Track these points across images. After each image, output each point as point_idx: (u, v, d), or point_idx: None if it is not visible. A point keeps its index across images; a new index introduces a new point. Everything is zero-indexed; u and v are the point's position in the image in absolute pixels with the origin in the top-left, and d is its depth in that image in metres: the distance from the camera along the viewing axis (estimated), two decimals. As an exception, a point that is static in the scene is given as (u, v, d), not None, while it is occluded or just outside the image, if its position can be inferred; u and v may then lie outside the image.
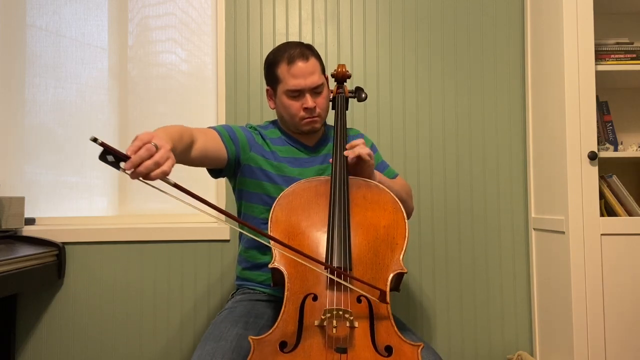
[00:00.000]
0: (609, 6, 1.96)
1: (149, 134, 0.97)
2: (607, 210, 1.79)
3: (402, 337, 1.08)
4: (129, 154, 0.92)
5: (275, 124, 1.54)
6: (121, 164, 0.91)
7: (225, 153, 1.39)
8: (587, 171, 1.68)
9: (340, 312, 1.08)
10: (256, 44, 2.04)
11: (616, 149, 1.87)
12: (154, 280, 1.96)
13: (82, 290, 1.94)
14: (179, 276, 1.96)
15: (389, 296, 1.12)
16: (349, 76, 1.58)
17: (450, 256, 2.02)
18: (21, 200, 1.88)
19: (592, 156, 1.67)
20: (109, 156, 0.90)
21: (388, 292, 1.13)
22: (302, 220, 1.23)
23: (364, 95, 1.57)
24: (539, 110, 1.93)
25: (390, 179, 1.50)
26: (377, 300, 1.11)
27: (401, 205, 1.27)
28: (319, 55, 1.45)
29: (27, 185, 2.04)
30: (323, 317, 1.07)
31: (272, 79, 1.44)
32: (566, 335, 1.70)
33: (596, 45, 1.77)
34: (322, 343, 1.05)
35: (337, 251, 1.16)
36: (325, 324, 1.07)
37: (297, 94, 1.40)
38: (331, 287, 1.13)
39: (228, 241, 1.98)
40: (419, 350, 1.06)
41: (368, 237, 1.21)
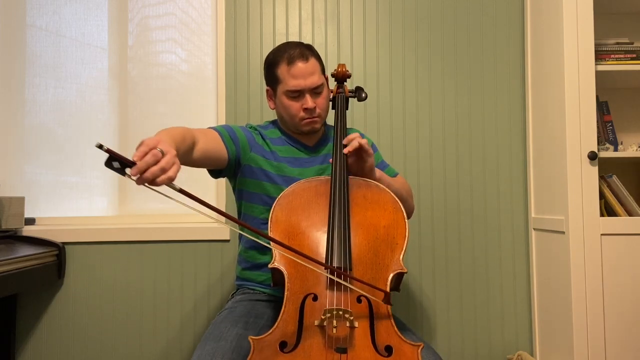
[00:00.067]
0: (609, 6, 1.96)
1: (154, 139, 0.96)
2: (607, 210, 1.79)
3: (402, 337, 1.08)
4: (135, 160, 0.91)
5: (275, 124, 1.54)
6: (127, 170, 0.91)
7: (225, 153, 1.39)
8: (587, 171, 1.68)
9: (340, 312, 1.08)
10: (256, 44, 2.04)
11: (616, 149, 1.87)
12: (154, 280, 1.96)
13: (82, 290, 1.94)
14: (179, 276, 1.96)
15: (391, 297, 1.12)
16: (349, 76, 1.57)
17: (450, 256, 2.02)
18: (21, 200, 1.88)
19: (592, 156, 1.67)
20: (115, 162, 0.89)
21: (389, 292, 1.13)
22: (302, 220, 1.23)
23: (364, 95, 1.57)
24: (539, 110, 1.93)
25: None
26: (380, 302, 1.11)
27: (401, 205, 1.27)
28: (318, 56, 1.44)
29: (27, 185, 2.04)
30: (323, 317, 1.07)
31: (272, 79, 1.44)
32: (566, 335, 1.70)
33: (596, 45, 1.77)
34: (322, 343, 1.05)
35: (337, 251, 1.16)
36: (325, 324, 1.07)
37: (297, 94, 1.40)
38: (331, 287, 1.13)
39: (228, 241, 1.98)
40: (419, 350, 1.06)
41: (368, 237, 1.21)
